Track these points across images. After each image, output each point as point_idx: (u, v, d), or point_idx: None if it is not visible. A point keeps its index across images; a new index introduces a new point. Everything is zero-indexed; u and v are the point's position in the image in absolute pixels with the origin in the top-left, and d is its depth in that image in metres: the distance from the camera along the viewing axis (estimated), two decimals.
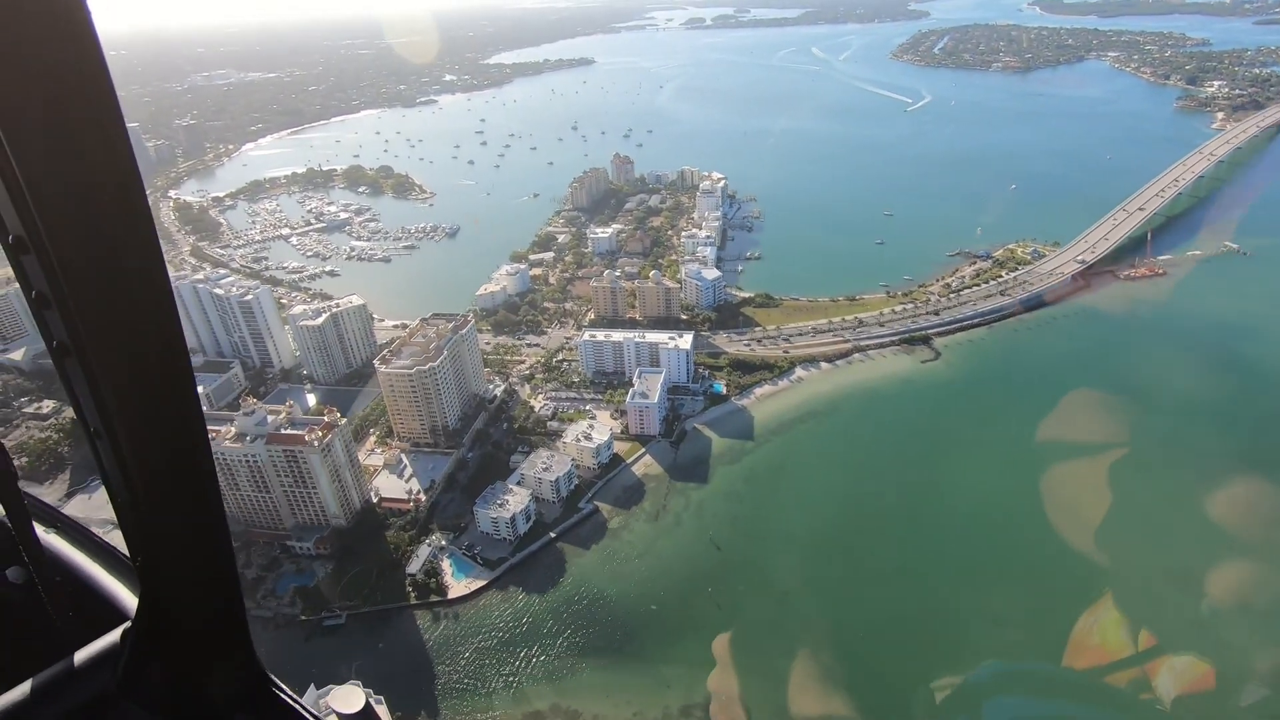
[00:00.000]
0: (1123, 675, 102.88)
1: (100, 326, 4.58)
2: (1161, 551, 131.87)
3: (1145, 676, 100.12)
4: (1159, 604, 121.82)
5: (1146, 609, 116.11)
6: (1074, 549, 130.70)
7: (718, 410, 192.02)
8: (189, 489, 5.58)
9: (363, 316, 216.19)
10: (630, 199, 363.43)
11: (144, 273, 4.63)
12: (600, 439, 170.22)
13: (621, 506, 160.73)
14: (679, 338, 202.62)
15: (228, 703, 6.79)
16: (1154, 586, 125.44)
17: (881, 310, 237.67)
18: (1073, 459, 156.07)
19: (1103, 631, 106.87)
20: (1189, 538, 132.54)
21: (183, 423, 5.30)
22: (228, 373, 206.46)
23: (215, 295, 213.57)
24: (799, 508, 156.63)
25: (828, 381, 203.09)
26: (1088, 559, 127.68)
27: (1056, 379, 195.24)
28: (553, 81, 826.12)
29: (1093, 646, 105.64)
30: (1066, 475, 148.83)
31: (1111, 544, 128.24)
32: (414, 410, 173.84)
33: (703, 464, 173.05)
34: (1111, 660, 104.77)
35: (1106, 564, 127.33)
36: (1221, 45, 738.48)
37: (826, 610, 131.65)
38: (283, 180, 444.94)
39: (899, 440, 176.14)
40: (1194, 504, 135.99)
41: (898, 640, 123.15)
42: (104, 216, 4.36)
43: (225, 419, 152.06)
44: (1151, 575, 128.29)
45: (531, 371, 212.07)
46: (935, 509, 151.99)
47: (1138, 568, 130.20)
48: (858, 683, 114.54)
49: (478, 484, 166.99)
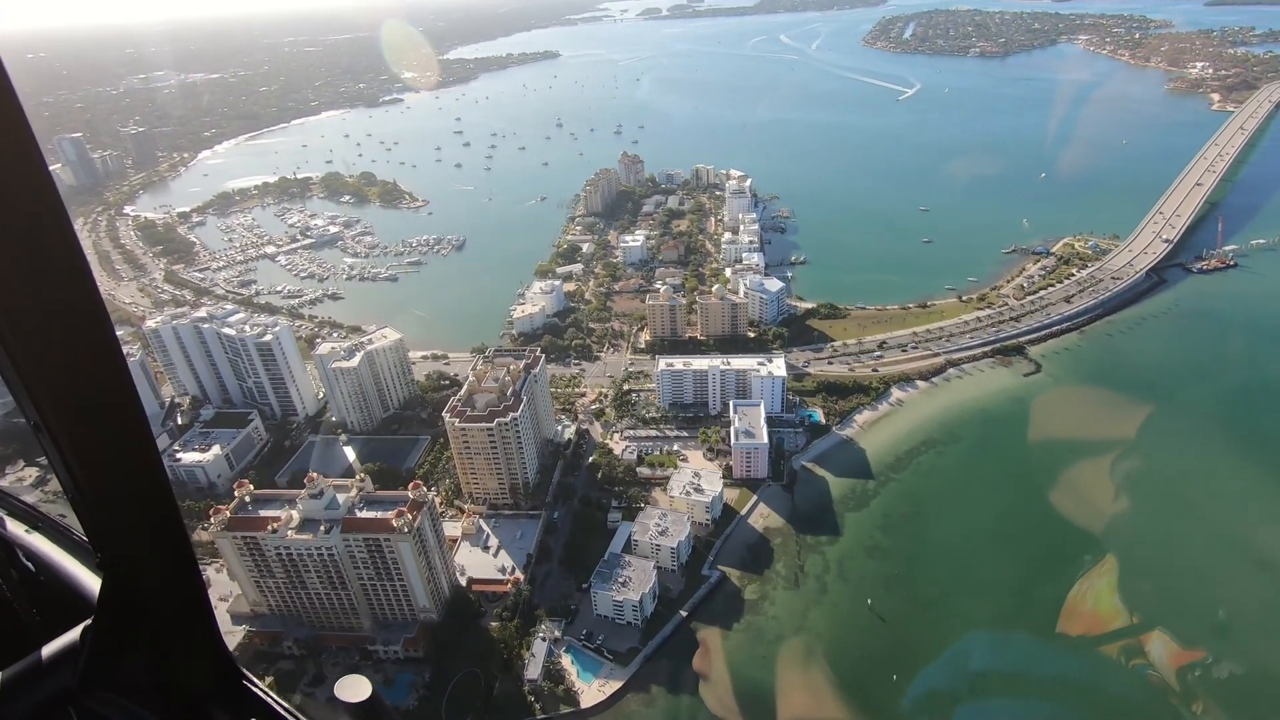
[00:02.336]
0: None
1: (24, 322, 4.64)
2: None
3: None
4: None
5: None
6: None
7: (823, 443, 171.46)
8: (135, 482, 5.61)
9: (400, 353, 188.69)
10: (646, 201, 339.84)
11: (67, 274, 4.73)
12: (713, 490, 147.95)
13: (751, 570, 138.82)
14: (769, 362, 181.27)
15: (200, 695, 6.77)
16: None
17: (960, 317, 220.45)
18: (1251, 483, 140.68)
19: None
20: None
21: (121, 415, 5.27)
22: (246, 426, 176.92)
23: (225, 336, 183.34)
24: (954, 562, 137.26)
25: (931, 403, 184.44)
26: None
27: (1177, 388, 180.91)
28: (520, 76, 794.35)
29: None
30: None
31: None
32: (491, 468, 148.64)
33: (826, 511, 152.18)
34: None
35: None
36: (1184, 26, 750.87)
37: (1039, 692, 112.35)
38: (253, 191, 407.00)
39: (1033, 470, 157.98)
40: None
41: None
42: (17, 211, 4.41)
43: (278, 500, 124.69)
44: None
45: (600, 406, 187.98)
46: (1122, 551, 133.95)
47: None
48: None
49: (577, 553, 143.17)
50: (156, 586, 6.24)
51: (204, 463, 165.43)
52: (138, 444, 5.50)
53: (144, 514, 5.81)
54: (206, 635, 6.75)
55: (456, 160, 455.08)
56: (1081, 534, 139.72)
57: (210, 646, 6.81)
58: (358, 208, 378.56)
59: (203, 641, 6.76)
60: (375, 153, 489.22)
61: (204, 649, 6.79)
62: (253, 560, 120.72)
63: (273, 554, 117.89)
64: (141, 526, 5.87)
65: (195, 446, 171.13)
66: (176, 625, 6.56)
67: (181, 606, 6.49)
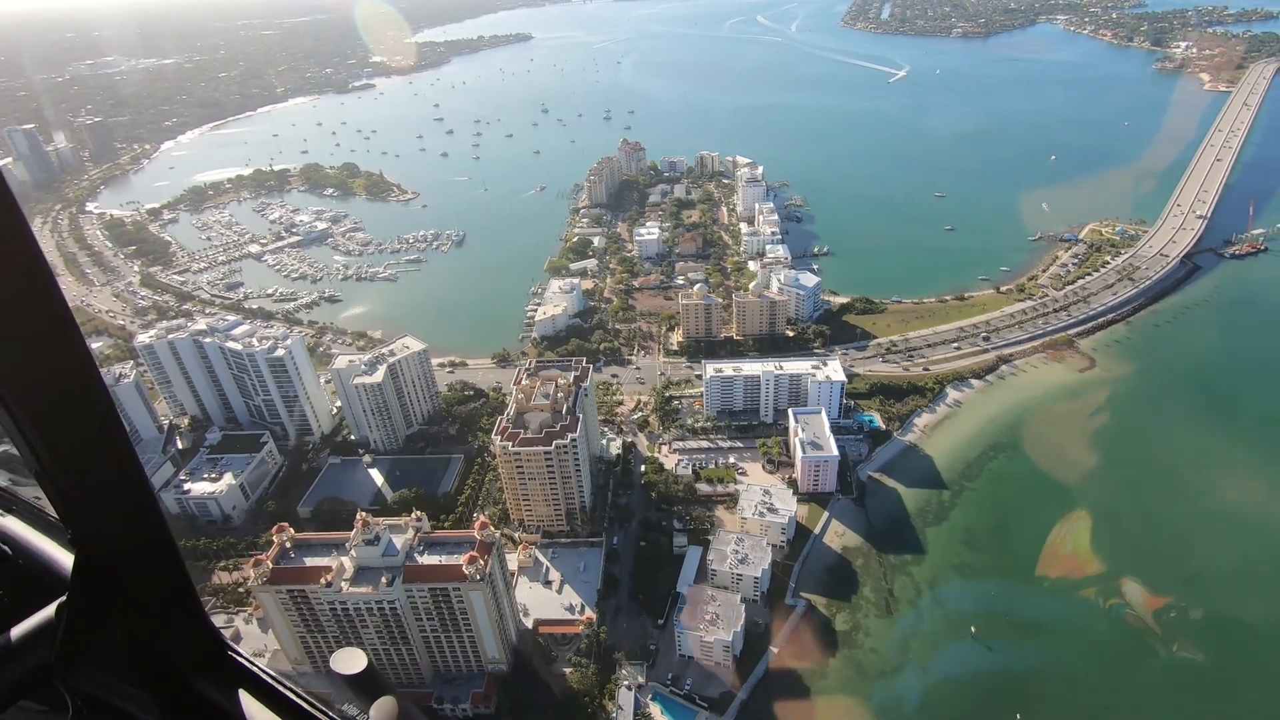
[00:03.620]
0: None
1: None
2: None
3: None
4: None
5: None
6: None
7: (886, 451, 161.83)
8: (99, 455, 5.56)
9: (423, 365, 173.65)
10: (651, 190, 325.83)
11: (13, 244, 4.67)
12: (787, 509, 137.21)
13: (837, 597, 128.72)
14: (824, 365, 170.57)
15: (185, 665, 6.79)
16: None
17: (1002, 310, 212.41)
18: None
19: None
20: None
21: (80, 387, 5.17)
22: (260, 450, 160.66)
23: (230, 351, 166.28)
24: (1053, 581, 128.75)
25: (990, 403, 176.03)
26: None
27: (1240, 383, 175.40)
28: (494, 59, 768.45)
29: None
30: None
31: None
32: (546, 493, 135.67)
33: (904, 526, 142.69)
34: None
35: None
36: (1158, 6, 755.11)
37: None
38: (227, 185, 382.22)
39: (1112, 475, 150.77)
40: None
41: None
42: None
43: (323, 545, 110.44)
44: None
45: (642, 416, 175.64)
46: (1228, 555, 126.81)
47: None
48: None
49: (645, 584, 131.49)
50: (130, 560, 6.21)
51: (217, 494, 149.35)
52: (99, 416, 5.36)
53: (111, 487, 5.76)
54: (187, 607, 6.71)
55: (442, 149, 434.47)
56: (1182, 542, 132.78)
57: (191, 619, 6.77)
58: (343, 201, 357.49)
59: (183, 614, 6.72)
60: (353, 141, 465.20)
61: (185, 621, 6.75)
62: (299, 615, 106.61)
63: (325, 609, 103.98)
64: (110, 499, 5.82)
65: (204, 475, 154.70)
66: (153, 598, 6.51)
67: (158, 579, 6.44)
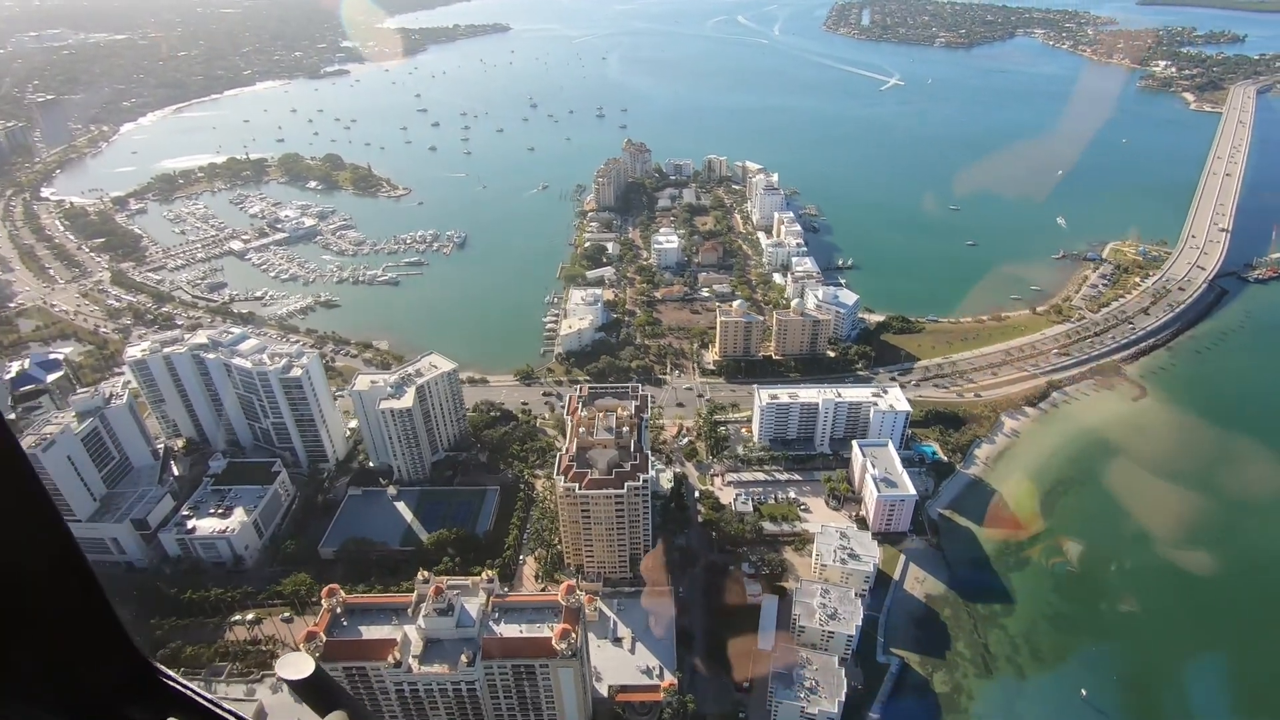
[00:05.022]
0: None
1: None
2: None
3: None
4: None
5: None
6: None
7: (953, 485, 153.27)
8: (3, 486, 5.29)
9: (452, 386, 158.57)
10: (659, 194, 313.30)
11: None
12: (870, 555, 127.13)
13: (930, 653, 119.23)
14: (885, 393, 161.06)
15: (113, 694, 6.57)
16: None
17: (1041, 332, 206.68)
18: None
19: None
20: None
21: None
22: (273, 481, 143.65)
23: (237, 369, 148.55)
24: (1153, 635, 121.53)
25: (1048, 433, 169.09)
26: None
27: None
28: (472, 50, 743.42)
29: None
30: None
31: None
32: (610, 538, 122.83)
33: (986, 571, 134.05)
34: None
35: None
36: (1126, 24, 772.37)
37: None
38: (198, 173, 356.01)
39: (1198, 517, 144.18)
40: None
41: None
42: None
43: (381, 611, 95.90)
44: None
45: (689, 443, 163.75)
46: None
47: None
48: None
49: (721, 638, 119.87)
50: (38, 586, 5.95)
51: (228, 533, 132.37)
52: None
53: (8, 513, 5.47)
54: (106, 634, 6.51)
55: (429, 142, 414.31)
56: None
57: (114, 644, 6.57)
58: (327, 195, 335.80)
59: (105, 640, 6.51)
60: (332, 131, 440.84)
61: (107, 647, 6.55)
62: (356, 694, 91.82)
63: (391, 690, 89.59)
64: (13, 529, 5.55)
65: (210, 510, 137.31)
66: (69, 625, 6.30)
67: (72, 605, 6.25)
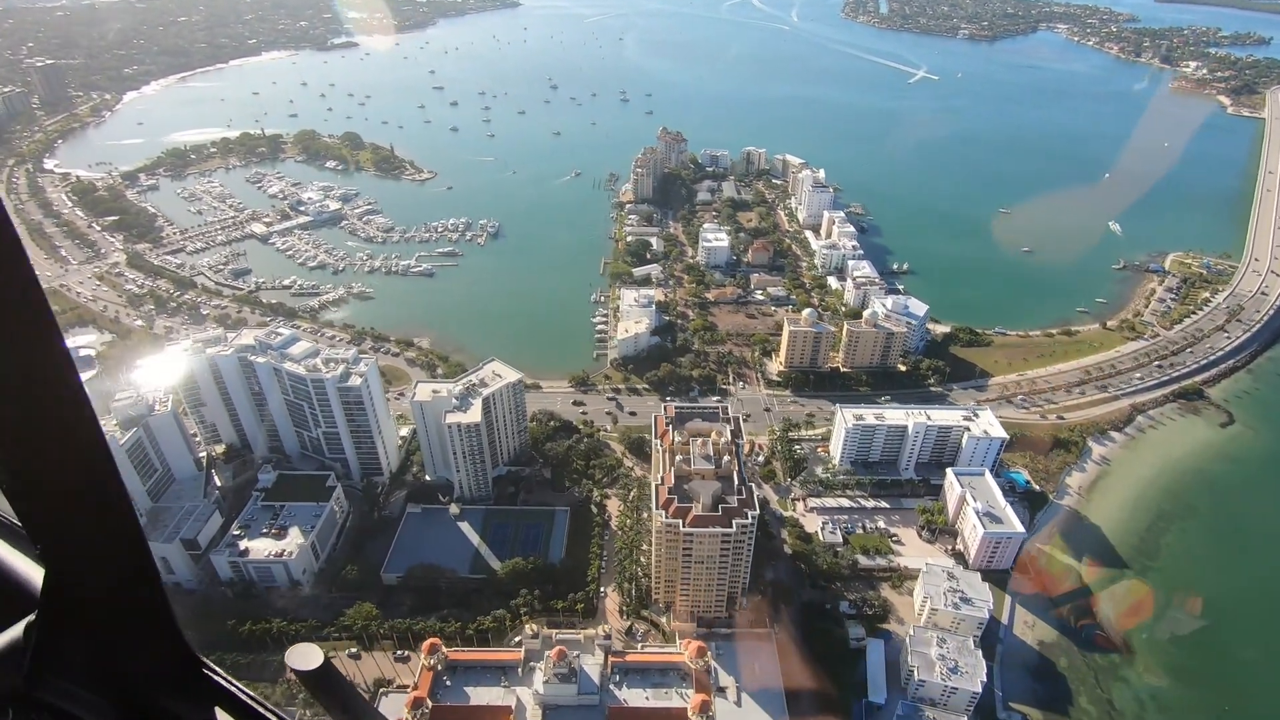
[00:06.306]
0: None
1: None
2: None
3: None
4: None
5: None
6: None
7: (1045, 518, 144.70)
8: (77, 468, 5.30)
9: (517, 398, 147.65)
10: (698, 186, 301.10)
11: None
12: (983, 600, 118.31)
13: (1054, 710, 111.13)
14: (976, 416, 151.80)
15: (152, 684, 6.58)
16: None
17: (1117, 350, 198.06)
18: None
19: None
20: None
21: (59, 397, 4.90)
22: (329, 498, 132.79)
23: (289, 375, 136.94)
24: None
25: (1139, 462, 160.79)
26: None
27: None
28: (483, 25, 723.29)
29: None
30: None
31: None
32: (711, 578, 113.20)
33: (1097, 615, 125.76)
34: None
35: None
36: (1149, 22, 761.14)
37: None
38: (211, 149, 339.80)
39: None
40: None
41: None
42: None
43: (489, 670, 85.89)
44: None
45: (765, 459, 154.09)
46: None
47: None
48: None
49: (829, 688, 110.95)
50: (104, 578, 5.93)
51: (285, 556, 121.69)
52: (76, 421, 5.04)
53: (86, 499, 5.48)
54: (160, 625, 6.48)
55: (449, 122, 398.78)
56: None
57: (164, 635, 6.54)
58: (347, 176, 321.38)
59: (155, 630, 6.48)
60: (346, 107, 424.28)
61: (156, 637, 6.51)
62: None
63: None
64: (83, 512, 5.55)
65: (263, 529, 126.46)
66: (126, 617, 6.28)
67: (131, 597, 6.20)
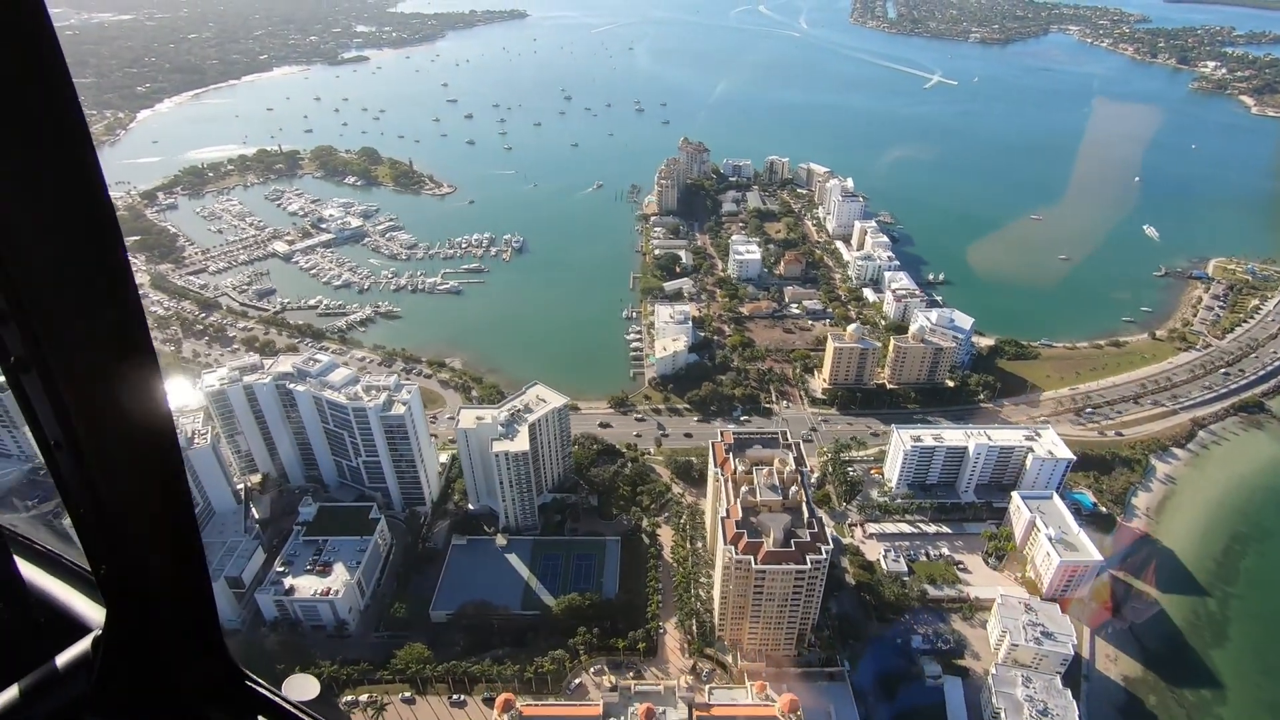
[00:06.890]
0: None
1: (59, 338, 4.53)
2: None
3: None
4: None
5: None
6: None
7: (1116, 542, 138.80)
8: (157, 493, 5.57)
9: (562, 424, 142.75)
10: (722, 197, 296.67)
11: (107, 282, 4.59)
12: (1066, 635, 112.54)
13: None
14: (1039, 435, 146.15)
15: (199, 697, 6.76)
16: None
17: (1169, 361, 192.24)
18: None
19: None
20: None
21: (149, 426, 5.15)
22: (373, 531, 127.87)
23: (330, 404, 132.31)
24: None
25: (1206, 480, 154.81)
26: None
27: None
28: (491, 37, 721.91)
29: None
30: None
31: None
32: (781, 614, 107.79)
33: (1183, 648, 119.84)
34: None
35: None
36: (1160, 23, 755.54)
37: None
38: (228, 166, 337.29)
39: None
40: None
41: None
42: (64, 224, 4.19)
43: None
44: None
45: (822, 487, 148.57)
46: None
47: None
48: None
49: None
50: (168, 592, 6.16)
51: (332, 595, 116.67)
52: (165, 448, 5.34)
53: (164, 524, 5.74)
54: (209, 637, 6.67)
55: (465, 135, 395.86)
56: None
57: (212, 648, 6.71)
58: (367, 192, 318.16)
59: (205, 643, 6.66)
60: (361, 121, 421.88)
61: (205, 650, 6.68)
62: None
63: None
64: (160, 538, 5.80)
65: (307, 565, 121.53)
66: (182, 628, 6.49)
67: (189, 609, 6.41)
